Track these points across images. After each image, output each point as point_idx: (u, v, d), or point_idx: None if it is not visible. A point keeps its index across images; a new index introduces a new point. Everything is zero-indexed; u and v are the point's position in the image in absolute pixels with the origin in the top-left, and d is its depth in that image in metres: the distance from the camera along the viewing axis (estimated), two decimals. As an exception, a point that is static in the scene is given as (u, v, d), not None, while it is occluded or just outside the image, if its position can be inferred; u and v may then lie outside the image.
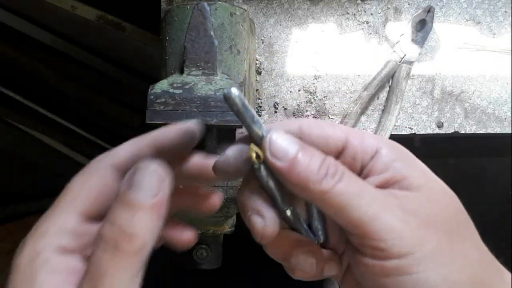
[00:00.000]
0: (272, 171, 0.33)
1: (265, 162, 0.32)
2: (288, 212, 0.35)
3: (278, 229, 0.34)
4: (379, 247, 0.31)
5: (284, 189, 0.34)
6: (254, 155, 0.32)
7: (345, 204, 0.31)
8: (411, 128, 0.69)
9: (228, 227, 0.58)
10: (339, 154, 0.35)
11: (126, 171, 0.31)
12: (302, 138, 0.34)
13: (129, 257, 0.28)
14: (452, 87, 0.70)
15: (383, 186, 0.34)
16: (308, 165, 0.32)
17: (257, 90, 0.68)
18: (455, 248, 0.32)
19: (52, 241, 0.30)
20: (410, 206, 0.32)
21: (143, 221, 0.29)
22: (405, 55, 0.68)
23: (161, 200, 0.30)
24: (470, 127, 0.70)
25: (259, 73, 0.69)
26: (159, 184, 0.30)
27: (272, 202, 0.34)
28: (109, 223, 0.29)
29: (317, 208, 0.37)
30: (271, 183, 0.33)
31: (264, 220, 0.34)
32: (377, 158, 0.34)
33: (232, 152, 0.35)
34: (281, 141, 0.32)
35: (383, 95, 0.69)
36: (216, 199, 0.39)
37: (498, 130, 0.70)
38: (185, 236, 0.37)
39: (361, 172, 0.35)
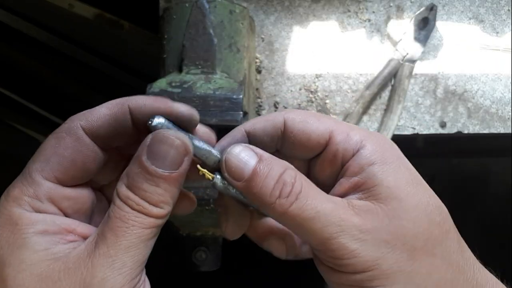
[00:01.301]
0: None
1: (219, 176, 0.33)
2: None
3: (240, 230, 0.36)
4: (337, 264, 0.32)
5: None
6: (206, 173, 0.34)
7: (300, 225, 0.31)
8: (413, 128, 0.69)
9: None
10: (322, 149, 0.35)
11: (99, 136, 0.32)
12: (285, 133, 0.35)
13: (152, 220, 0.30)
14: (455, 86, 0.69)
15: (353, 188, 0.33)
16: (262, 186, 0.32)
17: (257, 89, 0.68)
18: (417, 266, 0.32)
19: (27, 206, 0.31)
20: (370, 223, 0.32)
21: (167, 191, 0.31)
22: (407, 53, 0.67)
23: (183, 172, 0.31)
24: (473, 127, 0.69)
25: (259, 72, 0.68)
26: (182, 158, 0.31)
27: (241, 203, 0.35)
28: (133, 188, 0.30)
29: None
30: (232, 190, 0.34)
31: (227, 222, 0.36)
32: (356, 158, 0.33)
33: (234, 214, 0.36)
34: (235, 161, 0.32)
35: (386, 94, 0.69)
36: (191, 201, 0.37)
37: (501, 130, 0.69)
38: (186, 202, 0.36)
39: (341, 169, 0.34)
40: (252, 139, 0.35)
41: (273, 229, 0.38)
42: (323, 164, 0.35)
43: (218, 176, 0.33)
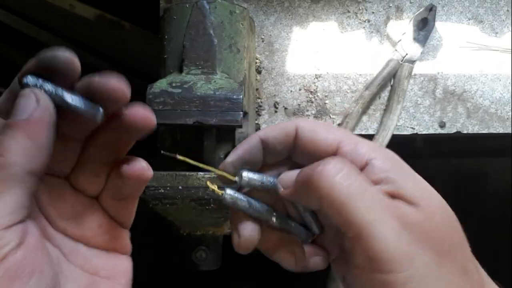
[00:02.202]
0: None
1: (227, 190, 0.35)
2: (274, 220, 0.37)
3: (252, 244, 0.36)
4: (370, 256, 0.31)
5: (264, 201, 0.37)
6: (215, 189, 0.36)
7: (345, 202, 0.31)
8: (413, 128, 0.69)
9: (227, 228, 0.58)
10: None
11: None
12: (296, 141, 0.35)
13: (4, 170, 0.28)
14: (455, 86, 0.69)
15: None
16: (307, 170, 0.33)
17: (257, 89, 0.68)
18: (442, 271, 0.32)
19: None
20: (408, 220, 0.31)
21: (11, 140, 0.29)
22: (407, 54, 0.67)
23: (34, 120, 0.29)
24: (472, 127, 0.69)
25: (259, 72, 0.68)
26: (34, 106, 0.29)
27: (253, 217, 0.36)
28: None
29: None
30: (244, 204, 0.36)
31: (239, 237, 0.36)
32: (369, 168, 0.33)
33: (248, 228, 0.37)
34: (284, 181, 0.35)
35: (385, 94, 0.69)
36: (141, 165, 0.35)
37: (500, 130, 0.69)
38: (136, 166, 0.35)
39: None
40: (265, 146, 0.36)
41: (283, 241, 0.38)
42: None
43: (229, 192, 0.35)
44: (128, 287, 0.36)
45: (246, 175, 0.35)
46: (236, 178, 0.35)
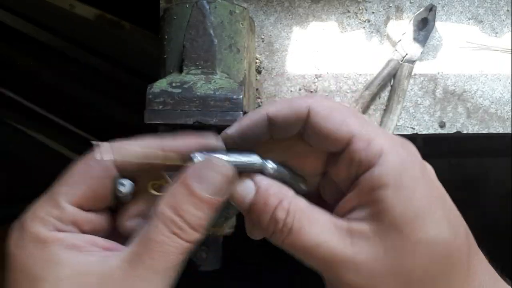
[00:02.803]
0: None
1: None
2: (269, 168, 0.36)
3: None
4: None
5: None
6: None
7: (298, 253, 0.32)
8: (413, 128, 0.69)
9: (228, 228, 0.58)
10: (341, 150, 0.33)
11: (127, 171, 0.33)
12: (307, 122, 0.33)
13: (188, 245, 0.31)
14: (455, 86, 0.69)
15: (360, 205, 0.32)
16: (259, 219, 0.33)
17: (257, 89, 0.68)
18: None
19: (52, 226, 0.32)
20: (365, 255, 0.31)
21: (207, 216, 0.32)
22: (407, 54, 0.67)
23: (224, 199, 0.33)
24: (472, 127, 0.69)
25: (259, 72, 0.68)
26: (227, 185, 0.32)
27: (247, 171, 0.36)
28: (176, 210, 0.31)
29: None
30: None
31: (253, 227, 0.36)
32: (370, 174, 0.32)
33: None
34: (238, 191, 0.34)
35: (385, 94, 0.69)
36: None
37: (500, 130, 0.69)
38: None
39: (355, 180, 0.33)
40: (272, 124, 0.34)
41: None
42: (338, 166, 0.34)
43: (269, 164, 0.35)
44: None
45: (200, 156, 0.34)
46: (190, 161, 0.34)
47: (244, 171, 0.35)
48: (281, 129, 0.35)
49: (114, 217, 0.37)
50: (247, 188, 0.34)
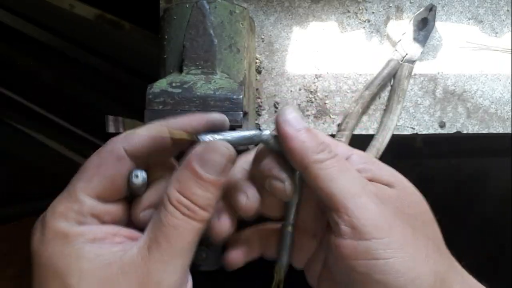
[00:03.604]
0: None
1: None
2: (289, 229, 0.40)
3: (256, 204, 0.39)
4: (353, 224, 0.34)
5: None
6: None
7: (331, 177, 0.35)
8: (413, 128, 0.69)
9: (228, 228, 0.58)
10: None
11: (139, 157, 0.35)
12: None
13: (200, 225, 0.33)
14: (455, 86, 0.69)
15: None
16: (311, 139, 0.36)
17: (257, 89, 0.68)
18: (418, 243, 0.35)
19: (73, 220, 0.33)
20: (384, 196, 0.36)
21: (214, 195, 0.34)
22: (407, 54, 0.67)
23: (227, 177, 0.35)
24: (472, 127, 0.69)
25: (259, 72, 0.68)
26: (228, 164, 0.34)
27: (284, 211, 0.40)
28: (184, 192, 0.33)
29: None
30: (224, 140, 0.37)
31: (248, 198, 0.39)
32: (350, 161, 0.38)
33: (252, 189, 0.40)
34: (293, 114, 0.37)
35: (385, 94, 0.69)
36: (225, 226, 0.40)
37: (500, 130, 0.69)
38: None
39: None
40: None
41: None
42: None
43: (267, 132, 0.38)
44: None
45: (206, 137, 0.36)
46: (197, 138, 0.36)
47: (245, 144, 0.38)
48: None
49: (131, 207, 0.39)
50: (300, 119, 0.37)
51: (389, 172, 0.38)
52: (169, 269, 0.32)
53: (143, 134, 0.36)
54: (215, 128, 0.37)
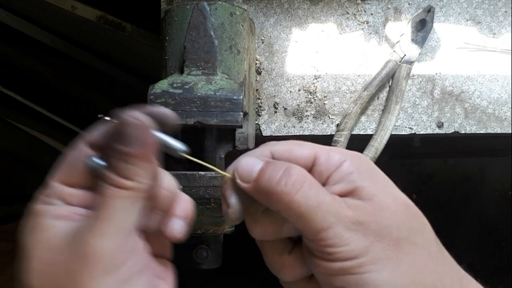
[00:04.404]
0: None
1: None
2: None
3: (239, 213, 0.39)
4: (328, 252, 0.35)
5: None
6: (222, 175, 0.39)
7: (303, 214, 0.35)
8: (411, 128, 0.69)
9: (228, 227, 0.58)
10: (309, 171, 0.38)
11: (97, 144, 0.38)
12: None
13: (128, 191, 0.35)
14: (452, 87, 0.70)
15: (340, 195, 0.37)
16: (270, 177, 0.36)
17: (257, 90, 0.68)
18: (401, 254, 0.35)
19: (43, 202, 0.37)
20: (361, 216, 0.36)
21: (139, 167, 0.36)
22: (405, 55, 0.68)
23: (150, 148, 0.36)
24: (470, 127, 0.70)
25: (259, 73, 0.69)
26: (145, 135, 0.36)
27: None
28: (109, 167, 0.36)
29: None
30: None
31: (229, 208, 0.39)
32: (337, 171, 0.38)
33: (234, 199, 0.39)
34: (244, 166, 0.38)
35: (383, 95, 0.69)
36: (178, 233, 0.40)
37: (498, 130, 0.70)
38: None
39: (325, 183, 0.38)
40: None
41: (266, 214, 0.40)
42: None
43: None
44: (174, 285, 0.42)
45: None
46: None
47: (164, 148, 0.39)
48: None
49: None
50: (253, 162, 0.38)
51: (372, 183, 0.37)
52: (102, 234, 0.34)
53: (99, 128, 0.39)
54: (158, 120, 0.38)
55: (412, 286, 0.35)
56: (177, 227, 0.40)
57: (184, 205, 0.41)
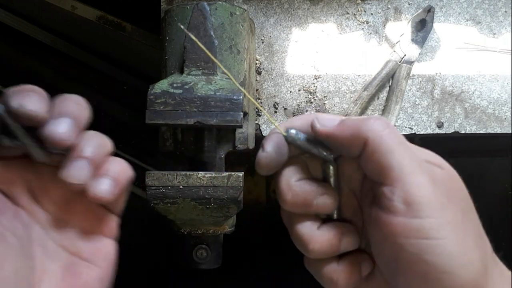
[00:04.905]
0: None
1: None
2: (323, 152, 0.40)
3: (269, 164, 0.39)
4: (408, 201, 0.33)
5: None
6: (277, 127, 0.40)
7: (391, 149, 0.34)
8: (411, 128, 0.69)
9: (228, 227, 0.58)
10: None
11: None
12: (362, 154, 0.38)
13: None
14: (452, 87, 0.70)
15: None
16: (355, 121, 0.36)
17: (257, 90, 0.69)
18: (468, 227, 0.34)
19: None
20: (437, 177, 0.35)
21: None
22: (405, 55, 0.68)
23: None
24: (470, 127, 0.70)
25: (259, 73, 0.69)
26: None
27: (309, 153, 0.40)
28: None
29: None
30: (299, 141, 0.39)
31: (263, 151, 0.39)
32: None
33: (272, 147, 0.38)
34: (325, 116, 0.38)
35: (383, 95, 0.69)
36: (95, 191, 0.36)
37: (498, 130, 0.70)
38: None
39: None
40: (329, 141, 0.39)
41: (319, 189, 0.39)
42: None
43: (292, 131, 0.39)
44: (108, 271, 0.38)
45: (293, 131, 0.39)
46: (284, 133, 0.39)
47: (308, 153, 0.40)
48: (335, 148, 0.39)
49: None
50: (333, 116, 0.38)
51: (436, 155, 0.38)
52: None
53: None
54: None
55: (481, 263, 0.34)
56: (104, 187, 0.35)
57: (115, 164, 0.37)
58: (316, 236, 0.39)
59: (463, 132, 0.70)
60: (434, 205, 0.33)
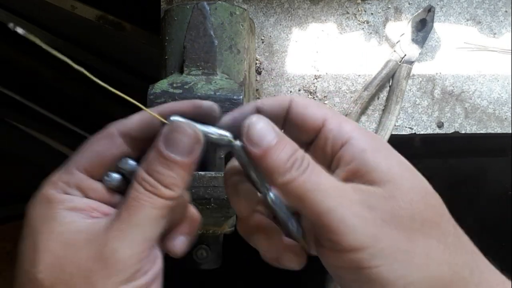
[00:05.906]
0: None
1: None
2: (271, 195, 0.36)
3: (250, 206, 0.37)
4: (333, 240, 0.32)
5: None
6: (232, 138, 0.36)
7: (304, 196, 0.33)
8: (411, 128, 0.69)
9: (228, 227, 0.58)
10: (315, 136, 0.36)
11: (130, 137, 0.36)
12: (287, 114, 0.37)
13: (162, 201, 0.33)
14: (453, 87, 0.70)
15: (349, 178, 0.34)
16: (278, 156, 0.33)
17: (257, 90, 0.68)
18: (414, 246, 0.32)
19: (60, 189, 0.35)
20: (370, 202, 0.32)
21: (178, 175, 0.34)
22: (405, 55, 0.68)
23: (194, 159, 0.34)
24: (470, 127, 0.70)
25: (259, 73, 0.69)
26: (193, 145, 0.34)
27: (253, 185, 0.37)
28: (149, 170, 0.34)
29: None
30: (250, 166, 0.36)
31: (238, 197, 0.37)
32: (347, 147, 0.35)
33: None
34: (259, 128, 0.34)
35: (384, 95, 0.69)
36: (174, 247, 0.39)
37: (498, 130, 0.70)
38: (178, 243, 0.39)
39: (332, 160, 0.36)
40: (260, 113, 0.37)
41: (262, 227, 0.38)
42: (315, 151, 0.37)
43: (237, 142, 0.35)
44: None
45: (176, 119, 0.35)
46: (168, 121, 0.35)
47: (213, 141, 0.36)
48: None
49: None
50: (267, 130, 0.35)
51: (387, 165, 0.34)
52: (127, 239, 0.33)
53: (135, 117, 0.37)
54: (202, 115, 0.36)
55: (427, 281, 0.32)
56: (180, 244, 0.38)
57: (192, 223, 0.39)
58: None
59: (463, 132, 0.70)
60: (361, 237, 0.32)
